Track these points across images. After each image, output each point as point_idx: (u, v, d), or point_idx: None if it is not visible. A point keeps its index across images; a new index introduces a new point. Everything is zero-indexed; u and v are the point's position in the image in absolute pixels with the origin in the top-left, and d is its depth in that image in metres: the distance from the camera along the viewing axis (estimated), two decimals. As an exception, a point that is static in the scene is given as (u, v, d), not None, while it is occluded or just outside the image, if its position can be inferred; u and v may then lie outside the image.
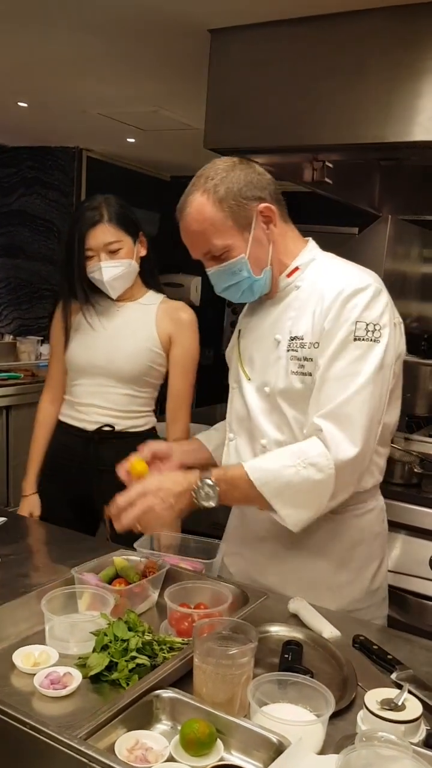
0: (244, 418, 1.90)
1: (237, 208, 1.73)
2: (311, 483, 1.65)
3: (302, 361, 1.74)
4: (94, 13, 2.66)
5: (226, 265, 1.78)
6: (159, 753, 1.18)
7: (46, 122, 4.77)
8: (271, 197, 1.78)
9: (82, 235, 2.43)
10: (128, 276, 2.53)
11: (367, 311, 1.68)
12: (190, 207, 1.75)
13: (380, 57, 2.39)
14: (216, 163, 1.79)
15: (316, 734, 1.23)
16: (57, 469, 2.65)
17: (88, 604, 1.62)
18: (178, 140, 4.75)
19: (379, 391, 1.69)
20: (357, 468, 1.70)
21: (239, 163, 1.78)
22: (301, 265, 1.83)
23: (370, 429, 1.68)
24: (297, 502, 1.68)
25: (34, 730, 1.14)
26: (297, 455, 1.67)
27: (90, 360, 2.54)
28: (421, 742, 1.23)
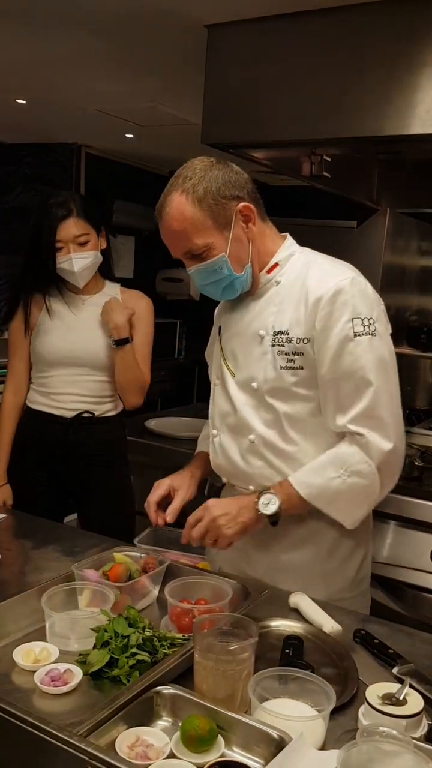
0: (228, 413, 1.92)
1: (216, 207, 1.75)
2: (359, 489, 1.76)
3: (291, 356, 1.77)
4: (91, 9, 2.65)
5: (207, 264, 1.80)
6: (160, 749, 1.19)
7: (45, 119, 4.76)
8: (249, 196, 1.81)
9: (53, 228, 2.55)
10: (94, 267, 2.67)
11: (358, 307, 1.73)
12: (170, 207, 1.76)
13: (377, 50, 2.39)
14: (194, 162, 1.81)
15: (317, 729, 1.23)
16: (34, 456, 2.72)
17: (88, 601, 1.62)
18: (177, 136, 4.73)
19: (394, 379, 1.77)
20: (397, 458, 1.78)
21: (217, 163, 1.80)
22: (280, 261, 1.87)
23: (398, 418, 1.76)
24: (350, 506, 1.80)
25: (34, 727, 1.15)
26: (339, 465, 1.75)
27: (66, 351, 2.64)
28: (422, 736, 1.23)
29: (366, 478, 1.74)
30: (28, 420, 2.75)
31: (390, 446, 1.73)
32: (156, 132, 4.76)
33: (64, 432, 2.68)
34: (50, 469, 2.72)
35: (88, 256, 2.61)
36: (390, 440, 1.73)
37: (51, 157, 5.57)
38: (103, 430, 2.73)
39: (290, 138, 2.61)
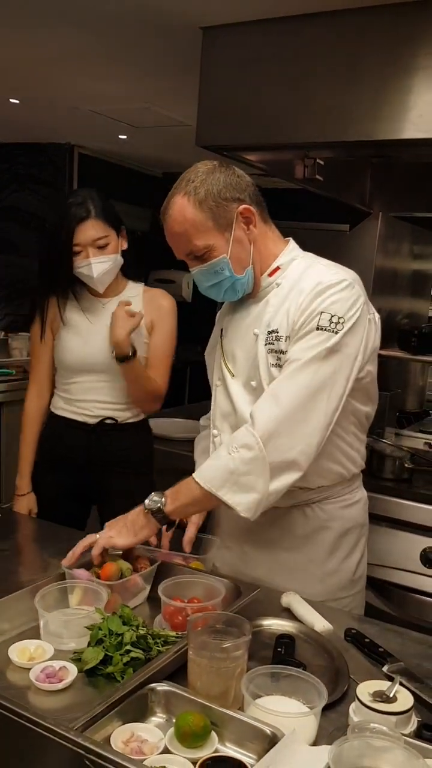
0: (228, 413, 1.94)
1: (217, 209, 1.77)
2: (246, 462, 1.68)
3: (279, 354, 1.79)
4: (86, 10, 2.66)
5: (208, 265, 1.82)
6: (154, 745, 1.20)
7: (39, 119, 4.77)
8: (251, 199, 1.82)
9: (70, 231, 2.43)
10: (114, 270, 2.55)
11: (335, 304, 1.73)
12: (172, 209, 1.79)
13: (371, 54, 2.40)
14: (197, 166, 1.83)
15: (309, 726, 1.24)
16: (58, 462, 2.66)
17: (79, 599, 1.63)
18: (170, 137, 4.75)
19: (329, 377, 1.71)
20: (288, 444, 1.70)
21: (219, 166, 1.82)
22: (282, 264, 1.88)
23: (305, 407, 1.70)
24: (240, 486, 1.70)
25: (30, 722, 1.16)
26: (230, 443, 1.73)
27: (87, 357, 2.55)
28: (412, 733, 1.25)
29: (252, 449, 1.67)
30: (52, 425, 2.69)
31: (279, 426, 1.68)
32: (149, 133, 4.77)
33: (86, 438, 2.61)
34: (72, 476, 2.65)
35: (108, 260, 2.49)
36: (271, 423, 1.69)
37: (44, 157, 5.58)
38: (126, 436, 2.65)
39: (284, 141, 2.63)
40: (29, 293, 5.71)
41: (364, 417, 1.91)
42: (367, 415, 1.93)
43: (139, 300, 2.62)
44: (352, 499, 1.95)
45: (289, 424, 1.69)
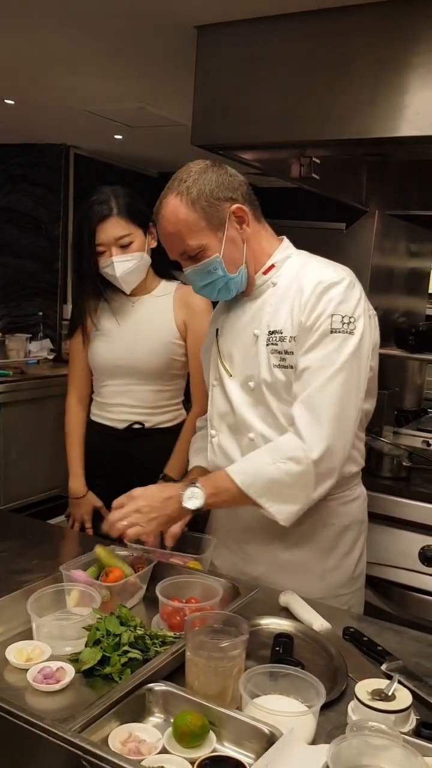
0: (226, 413, 1.94)
1: (209, 208, 1.77)
2: (292, 476, 1.72)
3: (283, 355, 1.79)
4: (81, 10, 2.66)
5: (202, 265, 1.82)
6: (152, 745, 1.20)
7: (33, 120, 4.76)
8: (243, 198, 1.83)
9: (92, 231, 2.38)
10: (141, 269, 2.48)
11: (343, 304, 1.74)
12: (165, 209, 1.80)
13: (366, 53, 2.40)
14: (189, 166, 1.83)
15: (308, 725, 1.24)
16: (96, 468, 2.64)
17: (76, 601, 1.63)
18: (166, 137, 4.74)
19: (355, 379, 1.75)
20: (336, 454, 1.74)
21: (212, 166, 1.82)
22: (276, 262, 1.89)
23: (342, 416, 1.74)
24: (283, 497, 1.74)
25: (28, 723, 1.15)
26: (274, 452, 1.74)
27: (112, 361, 2.51)
28: (411, 731, 1.25)
29: (300, 464, 1.70)
30: (90, 433, 2.67)
31: (328, 439, 1.71)
32: (145, 133, 4.77)
33: (116, 444, 2.57)
34: (106, 482, 2.59)
35: (133, 258, 2.41)
36: (329, 432, 1.71)
37: (39, 158, 5.58)
38: (156, 441, 2.58)
39: (279, 140, 2.62)
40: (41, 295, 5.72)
41: (363, 414, 1.91)
42: (367, 413, 1.95)
43: (170, 299, 2.56)
44: (351, 496, 1.96)
45: (334, 437, 1.72)
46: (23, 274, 5.78)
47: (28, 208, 5.69)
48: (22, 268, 5.78)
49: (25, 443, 4.62)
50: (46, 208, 5.60)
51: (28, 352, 5.37)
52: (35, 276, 5.72)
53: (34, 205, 5.66)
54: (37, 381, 4.76)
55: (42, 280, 5.69)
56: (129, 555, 1.82)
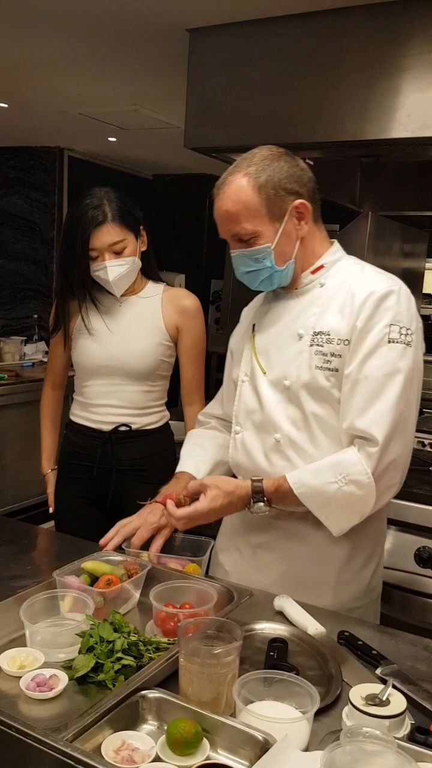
0: (254, 411, 1.90)
1: (274, 198, 1.74)
2: (353, 499, 1.72)
3: (328, 357, 1.75)
4: (73, 13, 2.66)
5: (251, 251, 1.79)
6: (145, 753, 1.19)
7: (28, 122, 4.77)
8: (308, 195, 1.80)
9: (86, 236, 2.36)
10: (132, 273, 2.47)
11: (399, 315, 1.71)
12: (229, 187, 1.76)
13: (358, 55, 2.41)
14: (262, 149, 1.80)
15: (302, 731, 1.23)
16: (74, 470, 2.61)
17: (70, 607, 1.62)
18: (159, 139, 4.75)
19: (416, 391, 1.74)
20: (396, 472, 1.74)
21: (284, 155, 1.79)
22: (326, 263, 1.85)
23: (405, 428, 1.72)
24: (341, 514, 1.76)
25: (20, 733, 1.15)
26: (338, 471, 1.72)
27: (101, 360, 2.49)
28: (405, 736, 1.24)
29: (363, 489, 1.70)
30: (69, 433, 2.64)
31: (390, 458, 1.70)
32: (139, 135, 4.78)
33: (101, 447, 2.53)
34: (90, 485, 2.57)
35: (125, 263, 2.41)
36: (391, 453, 1.70)
37: (33, 161, 5.58)
38: (144, 444, 2.55)
39: (272, 142, 2.59)
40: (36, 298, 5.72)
41: None
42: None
43: (158, 301, 2.55)
44: None
45: (397, 456, 1.72)
46: (18, 276, 5.78)
47: (22, 210, 5.69)
48: (17, 271, 5.78)
49: (19, 446, 4.61)
50: (40, 210, 5.60)
51: (23, 355, 5.37)
52: (30, 278, 5.72)
53: (28, 208, 5.66)
54: (32, 384, 4.76)
55: (37, 282, 5.69)
56: (123, 560, 1.81)
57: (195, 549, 1.96)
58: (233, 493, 1.78)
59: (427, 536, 2.60)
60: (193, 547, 1.97)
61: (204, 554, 1.94)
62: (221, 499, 1.77)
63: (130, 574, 1.73)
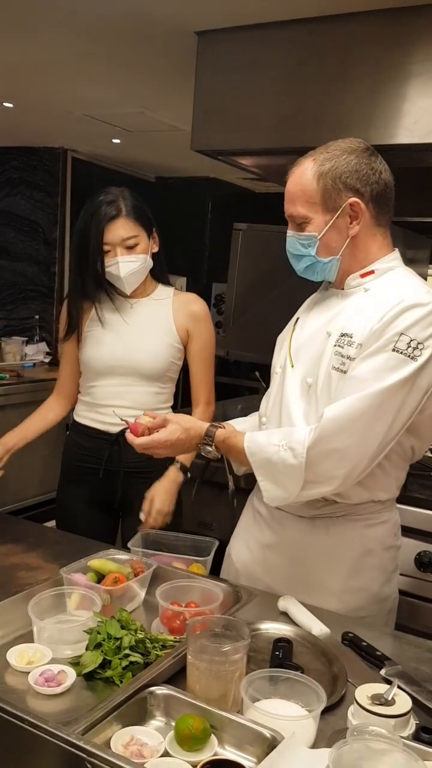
0: (278, 403, 1.91)
1: (332, 189, 1.74)
2: (285, 465, 1.71)
3: (344, 359, 1.74)
4: (81, 14, 2.67)
5: (300, 235, 1.80)
6: (154, 748, 1.20)
7: (32, 123, 4.77)
8: (371, 196, 1.77)
9: (100, 230, 2.37)
10: (143, 271, 2.47)
11: (417, 327, 1.66)
12: (298, 168, 1.79)
13: (365, 60, 2.42)
14: (345, 140, 1.80)
15: (309, 729, 1.25)
16: (81, 473, 2.60)
17: (77, 604, 1.63)
18: (164, 142, 4.76)
19: (396, 405, 1.67)
20: (341, 465, 1.69)
21: (361, 151, 1.78)
22: (377, 270, 1.81)
23: (366, 433, 1.67)
24: (273, 479, 1.75)
25: (32, 726, 1.16)
26: (284, 436, 1.73)
27: (112, 360, 2.47)
28: (410, 735, 1.26)
29: (295, 459, 1.68)
30: (74, 436, 2.63)
31: (338, 452, 1.67)
32: (143, 138, 4.78)
33: (108, 448, 2.52)
34: (96, 487, 2.56)
35: (137, 260, 2.41)
36: (337, 440, 1.66)
37: (37, 161, 5.58)
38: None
39: (278, 146, 2.63)
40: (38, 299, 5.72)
41: (410, 447, 1.84)
42: (415, 447, 1.86)
43: (169, 304, 2.55)
44: (377, 519, 1.88)
45: (342, 448, 1.67)
46: (20, 277, 5.79)
47: (25, 211, 5.69)
48: (20, 272, 5.78)
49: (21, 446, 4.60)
50: (43, 211, 5.61)
51: (24, 355, 5.38)
52: (32, 279, 5.72)
53: (31, 209, 5.66)
54: (33, 384, 4.76)
55: (39, 283, 5.69)
56: (129, 559, 1.82)
57: (199, 550, 1.98)
58: (189, 430, 1.83)
59: (427, 540, 2.61)
60: (198, 547, 1.98)
61: (208, 555, 1.95)
62: (178, 433, 1.82)
63: (136, 572, 1.74)
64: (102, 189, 2.44)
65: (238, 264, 3.81)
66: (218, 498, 2.72)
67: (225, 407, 4.62)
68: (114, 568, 1.74)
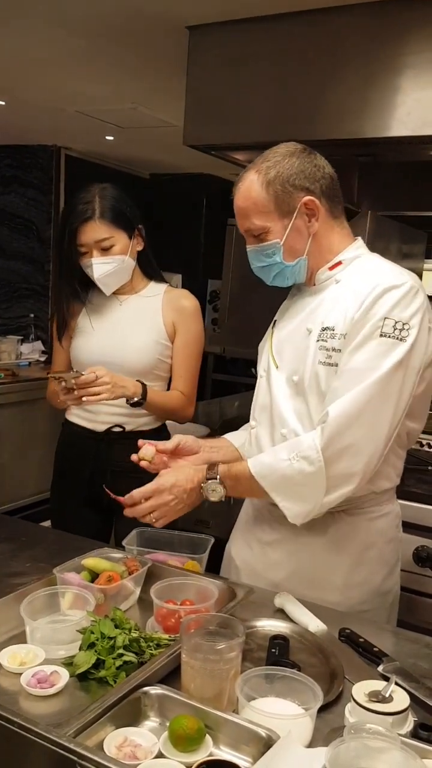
0: (267, 406, 1.91)
1: (282, 194, 1.75)
2: (303, 476, 1.69)
3: (330, 352, 1.74)
4: (73, 10, 2.65)
5: (262, 246, 1.81)
6: (148, 749, 1.18)
7: (25, 120, 4.75)
8: (322, 192, 1.79)
9: (73, 231, 2.37)
10: (122, 272, 2.45)
11: (398, 309, 1.67)
12: (242, 183, 1.79)
13: (357, 53, 2.40)
14: (280, 146, 1.81)
15: (305, 727, 1.23)
16: (69, 470, 2.60)
17: (70, 603, 1.61)
18: (157, 138, 4.74)
19: (396, 389, 1.68)
20: (357, 460, 1.68)
21: (300, 152, 1.80)
22: (344, 260, 1.84)
23: (373, 423, 1.68)
24: (294, 494, 1.73)
25: (22, 729, 1.14)
26: (291, 449, 1.71)
27: (98, 356, 2.45)
28: (408, 733, 1.24)
29: (312, 465, 1.67)
30: (66, 434, 2.63)
31: (347, 442, 1.66)
32: (136, 134, 4.77)
33: (95, 447, 2.52)
34: (86, 486, 2.55)
35: (113, 261, 2.40)
36: (349, 436, 1.66)
37: (30, 159, 5.57)
38: (135, 445, 2.34)
39: (271, 140, 2.57)
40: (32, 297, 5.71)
41: (405, 433, 1.84)
42: (411, 432, 1.87)
43: (159, 300, 2.54)
44: (379, 512, 1.88)
45: (355, 442, 1.67)
46: (14, 275, 5.77)
47: (19, 209, 5.68)
48: (14, 270, 5.77)
49: (16, 445, 4.61)
50: (37, 209, 5.59)
51: (19, 354, 5.36)
52: (27, 278, 5.71)
53: (25, 207, 5.65)
54: (28, 383, 4.75)
55: (33, 281, 5.68)
56: (123, 557, 1.80)
57: (195, 547, 1.96)
58: (189, 474, 1.82)
59: (425, 535, 2.60)
60: (193, 545, 1.97)
61: (204, 552, 1.93)
62: (175, 476, 1.82)
63: (130, 570, 1.73)
64: (84, 187, 2.43)
65: (232, 260, 3.79)
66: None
67: (222, 404, 4.62)
68: (108, 566, 1.72)
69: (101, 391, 2.22)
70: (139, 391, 2.37)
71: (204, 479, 1.79)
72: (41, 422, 4.66)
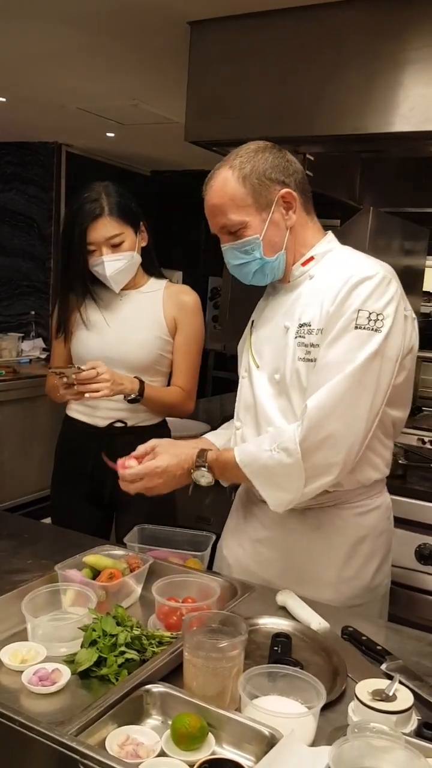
0: (251, 406, 1.91)
1: (259, 187, 1.75)
2: (282, 466, 1.70)
3: (308, 348, 1.74)
4: (73, 7, 2.64)
5: (240, 243, 1.79)
6: (150, 748, 1.17)
7: (25, 117, 4.75)
8: (296, 185, 1.79)
9: (83, 230, 2.35)
10: (131, 268, 2.45)
11: (371, 300, 1.67)
12: (215, 180, 1.79)
13: (360, 48, 2.40)
14: (249, 144, 1.81)
15: (308, 726, 1.22)
16: (70, 465, 2.60)
17: (72, 600, 1.61)
18: (158, 134, 4.73)
19: (373, 379, 1.68)
20: (336, 451, 1.68)
21: (271, 147, 1.80)
22: (316, 255, 1.84)
23: (351, 414, 1.67)
24: (274, 484, 1.74)
25: (24, 727, 1.13)
26: (273, 439, 1.72)
27: (99, 352, 2.44)
28: (412, 731, 1.23)
29: (291, 457, 1.67)
30: (66, 430, 2.62)
31: (326, 433, 1.66)
32: (137, 131, 4.76)
33: (97, 442, 2.48)
34: (87, 482, 2.54)
35: (123, 257, 2.40)
36: (327, 427, 1.65)
37: (31, 156, 5.56)
38: (140, 441, 2.31)
39: (273, 136, 2.58)
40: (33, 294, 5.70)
41: (390, 422, 1.85)
42: (396, 420, 1.87)
43: (159, 295, 2.54)
44: (369, 506, 1.88)
45: (334, 433, 1.67)
46: (16, 273, 5.76)
47: (20, 206, 5.67)
48: (15, 267, 5.76)
49: (17, 443, 4.60)
50: (38, 206, 5.58)
51: (20, 352, 5.36)
52: (28, 275, 5.70)
53: (26, 204, 5.64)
54: (29, 380, 4.75)
55: (34, 279, 5.67)
56: (125, 554, 1.80)
57: (196, 544, 1.95)
58: (179, 455, 1.85)
59: (427, 533, 2.60)
60: (195, 542, 1.96)
61: (205, 549, 1.92)
62: (168, 459, 1.85)
63: (132, 568, 1.72)
64: (87, 185, 2.42)
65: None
66: (215, 492, 2.70)
67: (223, 401, 4.61)
68: (109, 563, 1.71)
69: (101, 388, 2.23)
70: (136, 388, 2.38)
71: (193, 466, 1.81)
72: (42, 419, 4.66)
